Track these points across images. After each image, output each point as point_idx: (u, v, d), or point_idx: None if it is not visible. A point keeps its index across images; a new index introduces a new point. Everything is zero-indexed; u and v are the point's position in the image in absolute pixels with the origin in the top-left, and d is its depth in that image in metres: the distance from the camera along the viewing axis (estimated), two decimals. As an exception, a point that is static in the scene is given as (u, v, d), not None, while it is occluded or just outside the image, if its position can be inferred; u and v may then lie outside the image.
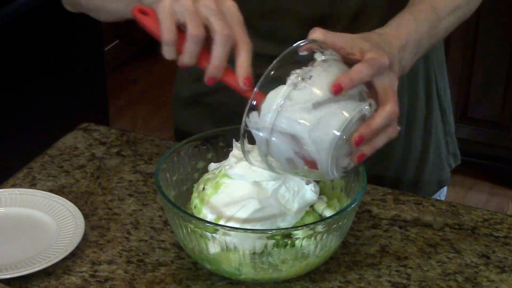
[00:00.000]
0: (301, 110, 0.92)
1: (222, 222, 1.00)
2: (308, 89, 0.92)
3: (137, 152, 1.30)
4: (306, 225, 0.98)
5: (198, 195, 1.05)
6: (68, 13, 1.29)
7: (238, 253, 0.99)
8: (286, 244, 0.99)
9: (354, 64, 0.96)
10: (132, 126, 3.32)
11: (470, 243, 1.11)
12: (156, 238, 1.12)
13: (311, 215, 1.04)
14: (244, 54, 0.98)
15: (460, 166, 1.43)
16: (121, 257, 1.08)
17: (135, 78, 3.68)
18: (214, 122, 1.29)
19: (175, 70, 1.41)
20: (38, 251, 1.07)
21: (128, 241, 1.11)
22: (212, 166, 1.10)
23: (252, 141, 0.97)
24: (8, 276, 1.03)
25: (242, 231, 0.97)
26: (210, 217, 1.01)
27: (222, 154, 1.12)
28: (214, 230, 0.97)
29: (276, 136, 0.93)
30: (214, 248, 0.99)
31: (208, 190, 1.04)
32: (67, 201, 1.16)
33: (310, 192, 1.03)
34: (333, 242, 1.01)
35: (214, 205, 1.02)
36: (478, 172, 2.97)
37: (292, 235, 0.98)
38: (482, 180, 2.99)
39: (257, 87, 0.94)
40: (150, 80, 3.65)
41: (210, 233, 0.98)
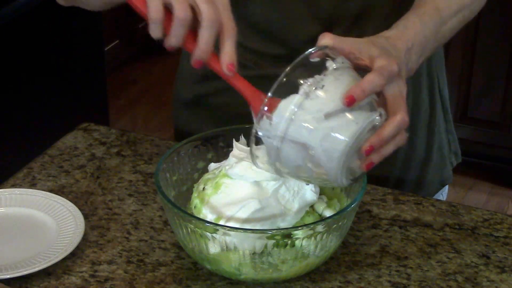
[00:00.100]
0: (313, 120, 0.92)
1: (222, 222, 1.00)
2: (320, 98, 0.92)
3: (137, 152, 1.30)
4: (306, 225, 0.98)
5: (198, 195, 1.05)
6: (68, 13, 1.29)
7: (238, 253, 0.99)
8: (286, 244, 0.99)
9: (363, 69, 0.96)
10: (132, 126, 3.32)
11: (470, 243, 1.11)
12: (156, 238, 1.12)
13: (311, 215, 1.04)
14: (229, 40, 0.97)
15: (460, 166, 1.43)
16: (121, 257, 1.08)
17: (135, 78, 3.68)
18: (215, 123, 1.29)
19: (175, 71, 1.41)
20: (38, 251, 1.07)
21: (128, 241, 1.11)
22: (212, 166, 1.10)
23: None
24: (8, 276, 1.03)
25: (242, 231, 0.97)
26: (210, 217, 1.01)
27: (222, 154, 1.12)
28: (214, 230, 0.97)
29: (287, 144, 0.94)
30: (214, 248, 0.99)
31: (208, 190, 1.03)
32: (67, 201, 1.16)
33: (310, 192, 1.03)
34: (333, 242, 1.01)
35: (214, 205, 1.02)
36: (478, 172, 2.97)
37: (292, 235, 0.98)
38: (482, 180, 2.98)
39: (270, 94, 0.94)
40: (150, 80, 3.65)
41: (210, 233, 0.98)
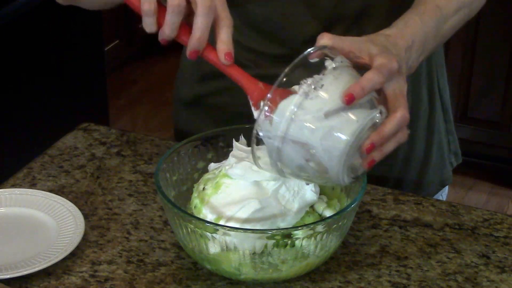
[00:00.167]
0: (313, 119, 0.92)
1: (222, 222, 1.00)
2: (320, 98, 0.92)
3: (137, 152, 1.30)
4: (306, 225, 0.98)
5: (198, 195, 1.05)
6: (68, 13, 1.29)
7: (238, 253, 0.99)
8: (286, 244, 0.99)
9: (363, 68, 0.96)
10: (132, 126, 3.32)
11: (470, 243, 1.11)
12: (156, 238, 1.12)
13: (311, 215, 1.04)
14: (225, 29, 0.97)
15: (460, 166, 1.43)
16: (121, 257, 1.08)
17: (135, 78, 3.68)
18: (215, 123, 1.29)
19: (175, 71, 1.41)
20: (38, 251, 1.07)
21: (128, 241, 1.11)
22: (212, 166, 1.10)
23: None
24: (8, 276, 1.03)
25: (242, 231, 0.97)
26: (210, 217, 1.01)
27: (222, 154, 1.12)
28: (214, 230, 0.97)
29: (288, 144, 0.93)
30: (214, 248, 0.99)
31: (208, 190, 1.03)
32: (67, 201, 1.16)
33: (310, 192, 1.03)
34: (333, 242, 1.01)
35: (214, 205, 1.02)
36: (478, 172, 2.97)
37: (292, 235, 0.98)
38: (482, 180, 2.98)
39: (269, 95, 0.94)
40: (150, 80, 3.65)
41: (210, 233, 0.98)
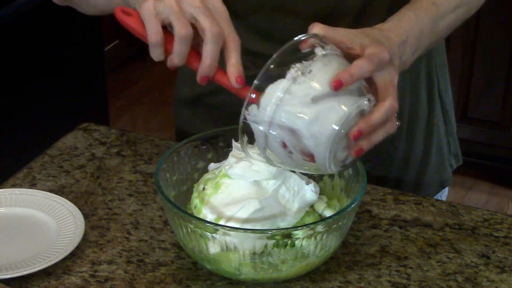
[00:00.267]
0: (300, 104, 0.91)
1: (222, 222, 1.00)
2: (307, 83, 0.92)
3: (137, 152, 1.30)
4: (306, 225, 0.98)
5: (198, 195, 1.05)
6: (68, 13, 1.29)
7: (238, 253, 0.99)
8: (286, 244, 0.99)
9: (354, 59, 0.95)
10: (132, 126, 3.32)
11: (470, 243, 1.11)
12: (156, 238, 1.12)
13: (311, 215, 1.04)
14: (234, 52, 0.97)
15: (460, 166, 1.43)
16: (121, 257, 1.08)
17: (135, 78, 3.68)
18: (216, 122, 1.28)
19: (176, 71, 1.41)
20: (38, 251, 1.07)
21: (128, 241, 1.11)
22: (212, 166, 1.10)
23: (252, 139, 0.97)
24: (8, 276, 1.03)
25: (242, 231, 0.97)
26: (210, 217, 1.01)
27: (222, 154, 1.12)
28: (214, 230, 0.97)
29: (274, 129, 0.93)
30: (214, 248, 0.99)
31: (208, 190, 1.03)
32: (67, 201, 1.16)
33: (310, 192, 1.03)
34: (333, 242, 1.01)
35: (214, 205, 1.02)
36: (478, 172, 2.96)
37: (292, 235, 0.98)
38: (482, 180, 2.98)
39: (256, 81, 0.93)
40: (150, 80, 3.65)
41: (210, 233, 0.98)
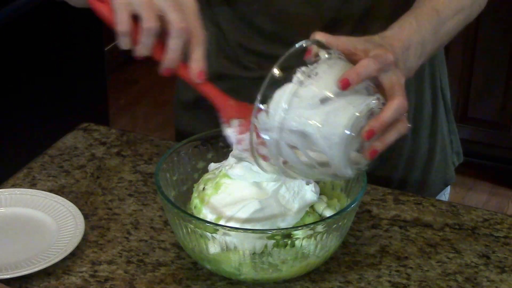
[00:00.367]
0: (309, 107, 0.91)
1: (222, 222, 1.00)
2: (314, 85, 0.91)
3: (137, 152, 1.30)
4: (306, 225, 0.98)
5: (198, 195, 1.05)
6: (68, 13, 1.29)
7: (238, 253, 0.99)
8: (286, 244, 0.99)
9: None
10: (132, 126, 3.32)
11: (470, 243, 1.11)
12: (156, 238, 1.12)
13: (311, 215, 1.04)
14: (197, 48, 0.98)
15: (460, 166, 1.43)
16: (121, 257, 1.08)
17: (135, 78, 3.68)
18: (216, 125, 1.28)
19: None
20: (38, 251, 1.07)
21: (128, 241, 1.11)
22: (212, 166, 1.10)
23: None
24: (8, 276, 1.03)
25: (242, 231, 0.97)
26: (210, 217, 1.01)
27: (222, 154, 1.12)
28: (214, 230, 0.97)
29: (286, 134, 0.92)
30: (214, 248, 0.99)
31: (208, 190, 1.03)
32: (67, 201, 1.16)
33: (310, 192, 1.03)
34: (333, 242, 1.01)
35: (214, 205, 1.02)
36: (478, 172, 2.96)
37: (292, 235, 0.98)
38: (482, 180, 2.98)
39: (262, 89, 0.93)
40: (150, 80, 3.65)
41: (210, 233, 0.98)
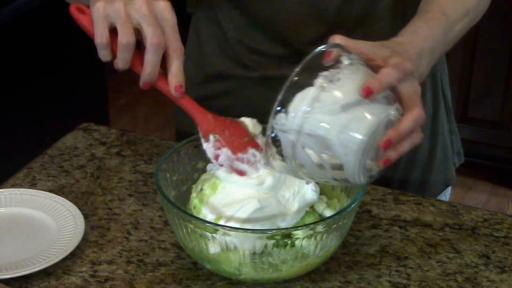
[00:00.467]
0: (329, 112, 0.90)
1: (222, 222, 1.00)
2: (336, 91, 0.91)
3: (137, 152, 1.30)
4: (306, 225, 0.98)
5: (197, 196, 1.05)
6: (68, 13, 1.29)
7: (238, 253, 0.99)
8: (286, 244, 0.99)
9: (376, 69, 0.95)
10: (132, 126, 3.32)
11: (470, 243, 1.11)
12: (156, 238, 1.12)
13: (311, 215, 1.04)
14: (175, 62, 0.98)
15: (460, 166, 1.43)
16: (121, 257, 1.08)
17: (135, 78, 3.66)
18: None
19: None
20: (38, 251, 1.07)
21: (128, 241, 1.11)
22: (210, 166, 1.10)
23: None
24: (8, 276, 1.03)
25: (242, 231, 0.97)
26: (210, 217, 1.01)
27: (222, 154, 1.12)
28: (214, 230, 0.97)
29: (303, 138, 0.91)
30: (214, 248, 0.99)
31: (206, 190, 1.03)
32: (67, 201, 1.16)
33: (310, 192, 1.03)
34: (333, 242, 1.01)
35: (214, 205, 1.02)
36: (478, 172, 2.97)
37: (292, 235, 0.98)
38: (482, 180, 2.98)
39: (283, 91, 0.92)
40: (150, 80, 3.65)
41: (210, 233, 0.98)
